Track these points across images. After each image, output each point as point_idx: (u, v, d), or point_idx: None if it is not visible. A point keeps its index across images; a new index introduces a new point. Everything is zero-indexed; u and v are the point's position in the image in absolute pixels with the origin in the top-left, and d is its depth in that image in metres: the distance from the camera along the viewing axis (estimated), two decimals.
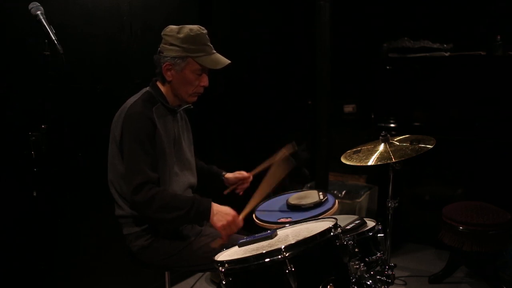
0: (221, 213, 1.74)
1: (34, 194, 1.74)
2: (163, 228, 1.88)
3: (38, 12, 1.62)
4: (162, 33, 1.86)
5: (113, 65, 2.63)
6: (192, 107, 2.00)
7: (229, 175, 2.21)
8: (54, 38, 1.58)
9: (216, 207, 1.75)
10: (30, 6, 1.63)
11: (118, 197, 1.87)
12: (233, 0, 3.52)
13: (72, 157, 2.42)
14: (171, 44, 1.81)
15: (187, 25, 1.84)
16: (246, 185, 2.21)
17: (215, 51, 1.88)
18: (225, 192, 2.22)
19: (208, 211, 1.73)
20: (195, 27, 1.83)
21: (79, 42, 2.42)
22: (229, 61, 1.88)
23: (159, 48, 1.86)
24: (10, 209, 2.15)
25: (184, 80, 1.85)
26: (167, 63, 1.83)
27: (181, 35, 1.80)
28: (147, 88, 1.92)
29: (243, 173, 2.20)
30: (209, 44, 1.87)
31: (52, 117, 1.80)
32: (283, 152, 2.05)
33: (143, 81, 1.96)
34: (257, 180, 2.16)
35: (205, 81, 1.89)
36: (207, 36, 1.87)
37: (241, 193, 2.22)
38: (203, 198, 1.80)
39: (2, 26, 2.09)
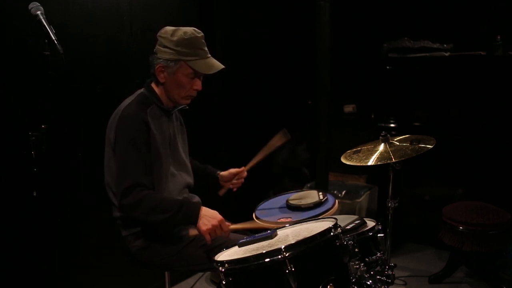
0: (207, 217, 1.73)
1: (34, 194, 1.73)
2: (161, 229, 1.87)
3: (38, 12, 1.62)
4: (157, 34, 1.85)
5: (113, 65, 2.63)
6: (187, 107, 1.99)
7: (223, 173, 2.20)
8: (54, 38, 1.58)
9: (204, 211, 1.74)
10: (30, 6, 1.63)
11: (115, 199, 1.86)
12: (233, 0, 3.52)
13: (72, 157, 2.42)
14: (165, 46, 1.81)
15: (182, 28, 1.82)
16: (240, 180, 2.18)
17: (209, 56, 1.87)
18: (221, 193, 2.18)
19: (196, 215, 1.72)
20: (189, 30, 1.82)
21: (79, 42, 2.42)
22: (223, 66, 1.87)
23: (154, 49, 1.86)
24: (10, 209, 2.15)
25: (176, 83, 1.84)
26: (160, 65, 1.83)
27: (174, 38, 1.79)
28: (142, 90, 1.92)
29: (236, 169, 2.18)
30: (204, 48, 1.85)
31: (52, 117, 1.79)
32: (277, 141, 2.09)
33: (143, 81, 1.96)
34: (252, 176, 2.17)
35: (198, 85, 1.88)
36: (203, 40, 1.85)
37: (234, 189, 2.19)
38: (192, 202, 1.80)
39: (2, 26, 2.09)
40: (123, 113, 1.79)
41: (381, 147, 2.23)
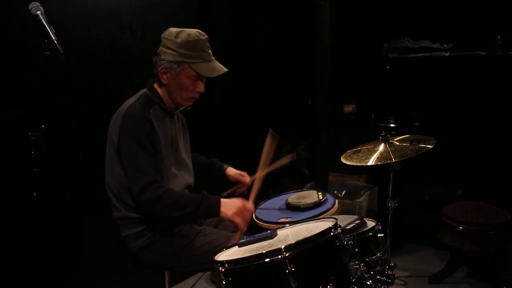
0: (228, 204, 1.77)
1: (34, 194, 1.73)
2: (162, 228, 1.87)
3: (38, 12, 1.62)
4: (161, 36, 1.85)
5: (113, 65, 2.63)
6: (189, 108, 1.99)
7: (231, 171, 2.20)
8: (54, 38, 1.58)
9: (223, 201, 1.78)
10: (30, 6, 1.64)
11: (115, 200, 1.86)
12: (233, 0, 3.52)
13: (72, 157, 2.42)
14: (168, 48, 1.81)
15: (186, 29, 1.82)
16: (243, 188, 2.19)
17: (213, 58, 1.87)
18: (224, 194, 2.16)
19: (217, 206, 1.75)
20: (194, 32, 1.81)
21: (79, 42, 2.42)
22: (227, 69, 1.87)
23: (158, 50, 1.86)
24: (10, 209, 2.15)
25: (179, 85, 1.84)
26: (163, 66, 1.82)
27: (178, 40, 1.79)
28: (144, 90, 1.92)
29: (246, 177, 2.18)
30: (208, 50, 1.85)
31: (52, 117, 1.80)
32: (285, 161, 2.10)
33: (143, 81, 1.96)
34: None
35: (200, 87, 1.88)
36: (207, 42, 1.85)
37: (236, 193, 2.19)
38: (212, 195, 1.81)
39: (2, 26, 2.08)
40: (127, 113, 1.79)
41: (381, 147, 2.23)
